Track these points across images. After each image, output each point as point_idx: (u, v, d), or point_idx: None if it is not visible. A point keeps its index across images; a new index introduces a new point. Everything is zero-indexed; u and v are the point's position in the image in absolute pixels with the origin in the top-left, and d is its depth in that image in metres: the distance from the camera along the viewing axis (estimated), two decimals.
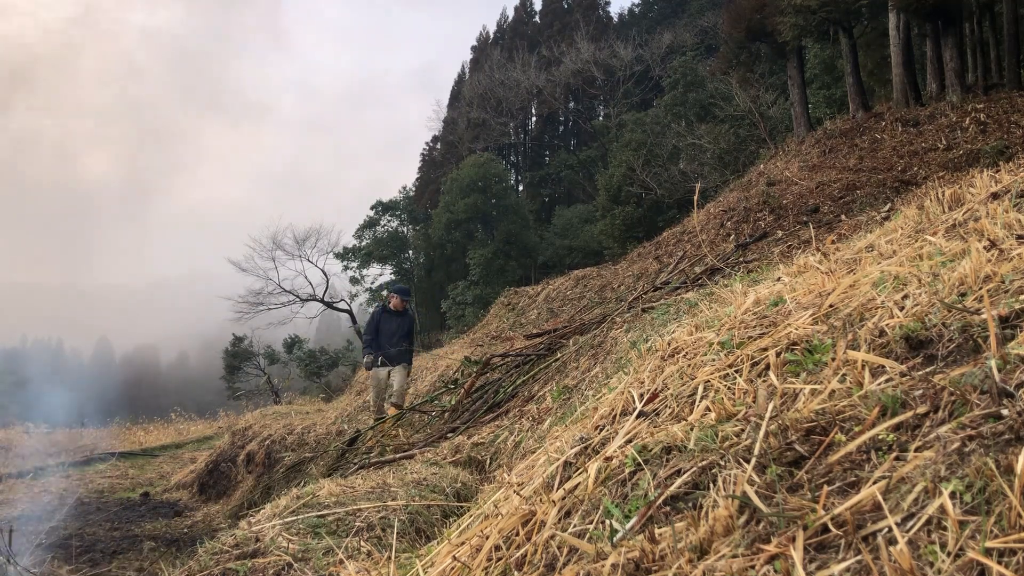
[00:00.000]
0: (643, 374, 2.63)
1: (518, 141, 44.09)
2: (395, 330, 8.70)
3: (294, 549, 2.76)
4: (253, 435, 12.32)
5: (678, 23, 39.23)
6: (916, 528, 1.15)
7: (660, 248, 14.68)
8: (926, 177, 10.63)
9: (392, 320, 8.76)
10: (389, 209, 38.31)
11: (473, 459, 4.74)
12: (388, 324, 8.74)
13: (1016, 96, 13.87)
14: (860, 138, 14.66)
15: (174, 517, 10.14)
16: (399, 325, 8.74)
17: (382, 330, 8.71)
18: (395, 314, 8.81)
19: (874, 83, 20.29)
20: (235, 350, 28.36)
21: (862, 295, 2.24)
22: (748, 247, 9.35)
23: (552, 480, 2.10)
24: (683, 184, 21.73)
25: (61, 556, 7.05)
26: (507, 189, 35.67)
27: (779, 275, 3.58)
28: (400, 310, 8.89)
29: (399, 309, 8.88)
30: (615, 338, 5.56)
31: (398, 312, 8.85)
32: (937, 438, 1.31)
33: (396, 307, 8.86)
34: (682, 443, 1.76)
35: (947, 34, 15.15)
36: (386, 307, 8.94)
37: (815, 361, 1.92)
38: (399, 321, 8.77)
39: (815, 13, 16.06)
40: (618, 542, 1.47)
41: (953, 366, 1.57)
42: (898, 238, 3.37)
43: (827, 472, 1.39)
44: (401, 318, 8.83)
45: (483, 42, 48.41)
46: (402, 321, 8.81)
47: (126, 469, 15.46)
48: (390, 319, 8.77)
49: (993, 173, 3.92)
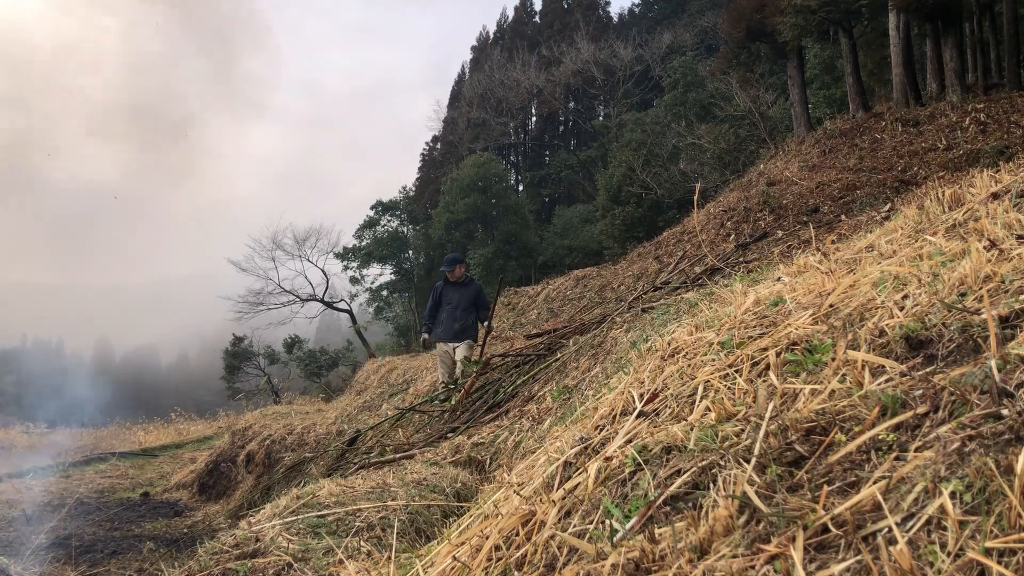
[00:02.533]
0: (643, 374, 2.63)
1: (518, 141, 44.08)
2: (458, 302, 8.06)
3: (294, 549, 2.76)
4: (253, 435, 12.31)
5: (678, 23, 39.23)
6: (916, 528, 1.15)
7: (660, 248, 14.67)
8: (926, 177, 10.63)
9: (454, 292, 8.12)
10: (389, 209, 38.30)
11: (473, 459, 4.74)
12: (450, 297, 8.12)
13: (1016, 96, 13.87)
14: (860, 138, 14.65)
15: (174, 517, 10.14)
16: (462, 296, 8.09)
17: (443, 304, 8.12)
18: (457, 285, 8.16)
19: (874, 83, 20.28)
20: (235, 350, 28.37)
21: (862, 295, 2.24)
22: (748, 247, 9.34)
23: (552, 480, 2.10)
24: (683, 184, 21.73)
25: (61, 556, 7.05)
26: (507, 189, 35.67)
27: (779, 275, 3.58)
28: (461, 280, 8.21)
29: (459, 279, 8.20)
30: (615, 338, 5.56)
31: (460, 283, 8.18)
32: (937, 438, 1.31)
33: (457, 277, 8.18)
34: (682, 443, 1.76)
35: (947, 34, 15.14)
36: (446, 280, 8.27)
37: (815, 361, 1.92)
38: (462, 292, 8.12)
39: (815, 13, 16.06)
40: (618, 542, 1.47)
41: (953, 366, 1.57)
42: (898, 238, 3.37)
43: (827, 472, 1.39)
44: (464, 288, 8.17)
45: (483, 42, 48.43)
46: (465, 291, 8.15)
47: (126, 469, 15.46)
48: (451, 291, 8.13)
49: (993, 173, 3.92)
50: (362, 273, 36.45)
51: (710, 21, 34.58)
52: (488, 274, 31.19)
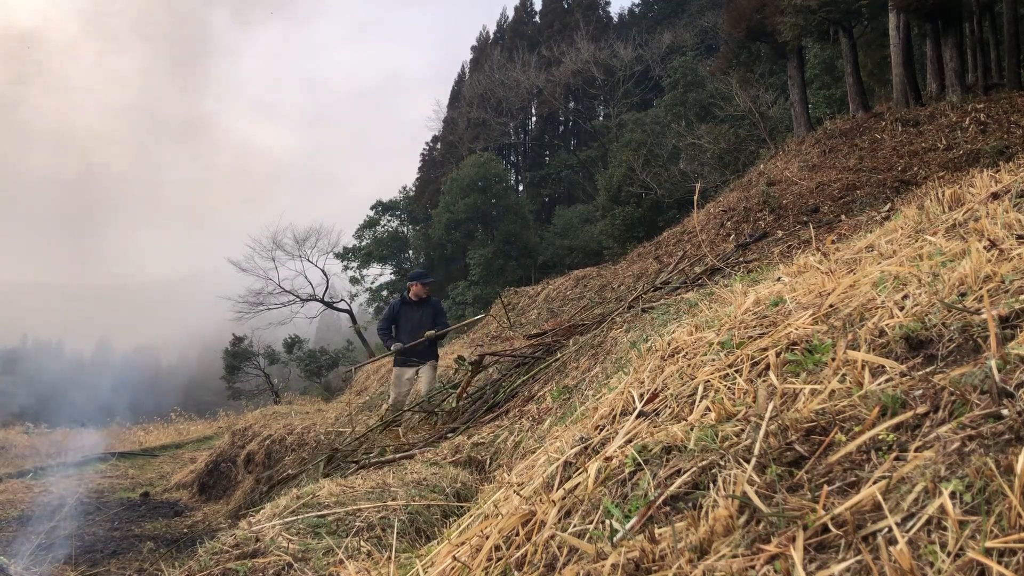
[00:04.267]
0: (643, 374, 2.63)
1: (518, 141, 44.09)
2: (418, 322, 7.66)
3: (294, 549, 2.76)
4: (253, 435, 12.32)
5: (678, 23, 39.25)
6: (916, 528, 1.15)
7: (660, 248, 14.67)
8: (926, 177, 10.63)
9: (414, 311, 7.73)
10: (389, 209, 38.34)
11: (473, 459, 4.74)
12: (409, 316, 7.71)
13: (1016, 96, 13.87)
14: (860, 138, 14.65)
15: (174, 517, 10.13)
16: (423, 317, 7.70)
17: (402, 325, 7.71)
18: (416, 304, 7.76)
19: (874, 83, 20.29)
20: (235, 350, 28.38)
21: (862, 295, 2.24)
22: (748, 247, 9.34)
23: (552, 480, 2.10)
24: (683, 184, 21.74)
25: (61, 556, 7.05)
26: (507, 189, 35.69)
27: (779, 275, 3.58)
28: (422, 298, 7.79)
29: (420, 297, 7.79)
30: (615, 338, 5.56)
31: (420, 301, 7.78)
32: (937, 438, 1.31)
33: (417, 295, 7.78)
34: (682, 443, 1.76)
35: (947, 34, 15.15)
36: (405, 298, 7.88)
37: (815, 361, 1.92)
38: (422, 312, 7.73)
39: (815, 13, 16.07)
40: (618, 542, 1.47)
41: (953, 366, 1.57)
42: (898, 238, 3.37)
43: (827, 472, 1.39)
44: (424, 307, 7.77)
45: (483, 42, 48.43)
46: (426, 311, 7.75)
47: (126, 469, 15.46)
48: (411, 311, 7.73)
49: (993, 173, 3.92)
50: (362, 273, 36.50)
51: (710, 21, 34.59)
52: (488, 274, 31.19)
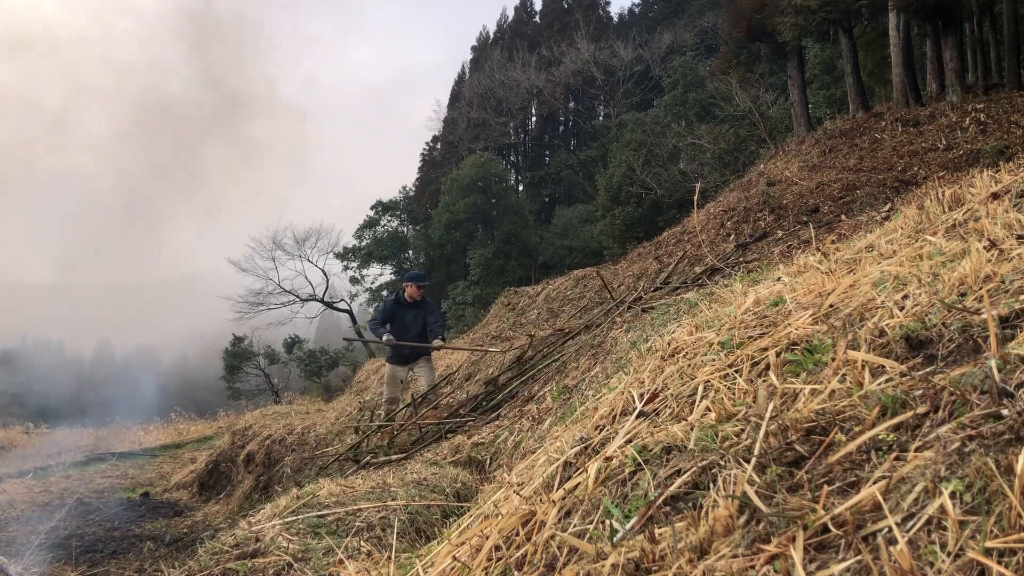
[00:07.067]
0: (643, 374, 2.63)
1: (518, 141, 44.10)
2: (411, 324, 7.68)
3: (294, 549, 2.76)
4: (253, 435, 12.32)
5: (678, 23, 39.27)
6: (916, 528, 1.14)
7: (660, 248, 14.66)
8: (926, 177, 10.63)
9: (407, 312, 7.73)
10: (389, 209, 38.35)
11: (473, 459, 4.74)
12: (402, 317, 7.71)
13: (1016, 96, 13.87)
14: (860, 138, 14.65)
15: (174, 517, 10.14)
16: (416, 318, 7.72)
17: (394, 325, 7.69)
18: (411, 305, 7.76)
19: (874, 83, 20.29)
20: (235, 350, 28.40)
21: (862, 295, 2.24)
22: (748, 247, 9.35)
23: (552, 480, 2.10)
24: (683, 184, 21.74)
25: (61, 556, 7.05)
26: (507, 189, 35.71)
27: (779, 275, 3.58)
28: (416, 300, 7.78)
29: (415, 299, 7.77)
30: (615, 338, 5.56)
31: (415, 303, 7.77)
32: (937, 438, 1.30)
33: (412, 296, 7.76)
34: (682, 443, 1.76)
35: (947, 34, 15.14)
36: (399, 298, 7.84)
37: (815, 361, 1.92)
38: (416, 313, 7.74)
39: (815, 13, 16.06)
40: (618, 542, 1.47)
41: (953, 366, 1.57)
42: (898, 238, 3.37)
43: (827, 472, 1.39)
44: (419, 309, 7.78)
45: (483, 42, 48.43)
46: (419, 313, 7.77)
47: (126, 469, 15.46)
48: (404, 312, 7.74)
49: (993, 173, 3.92)
50: (362, 273, 36.52)
51: (710, 21, 34.60)
52: (488, 274, 31.20)
